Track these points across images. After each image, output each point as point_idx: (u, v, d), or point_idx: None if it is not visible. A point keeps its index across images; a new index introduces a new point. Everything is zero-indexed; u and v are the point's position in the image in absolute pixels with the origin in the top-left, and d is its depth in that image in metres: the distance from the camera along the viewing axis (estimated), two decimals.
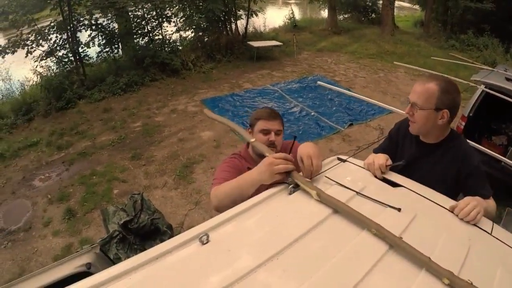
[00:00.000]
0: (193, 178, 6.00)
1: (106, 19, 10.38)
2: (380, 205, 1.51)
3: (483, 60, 14.02)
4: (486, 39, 16.56)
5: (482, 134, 6.89)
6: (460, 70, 11.70)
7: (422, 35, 18.97)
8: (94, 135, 7.33)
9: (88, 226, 4.95)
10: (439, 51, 15.53)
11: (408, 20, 25.67)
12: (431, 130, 2.08)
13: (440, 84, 1.94)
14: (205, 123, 7.77)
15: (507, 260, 1.39)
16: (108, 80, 9.43)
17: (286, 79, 11.10)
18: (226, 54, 12.64)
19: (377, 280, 1.12)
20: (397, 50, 15.76)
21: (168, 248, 1.12)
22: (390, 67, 13.02)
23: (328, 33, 18.15)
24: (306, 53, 14.49)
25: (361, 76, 12.06)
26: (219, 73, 11.44)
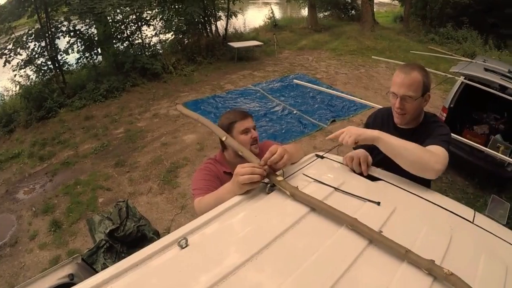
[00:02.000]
0: (177, 182, 6.00)
1: (85, 24, 10.24)
2: (360, 200, 1.52)
3: (462, 52, 14.34)
4: (465, 32, 16.96)
5: (463, 124, 7.03)
6: (441, 63, 11.94)
7: (402, 30, 19.26)
8: (77, 143, 7.27)
9: (75, 237, 4.91)
10: (419, 45, 15.84)
11: (388, 16, 26.05)
12: (418, 116, 2.14)
13: (421, 71, 2.01)
14: (187, 126, 7.78)
15: (489, 247, 1.41)
16: (88, 87, 9.34)
17: (267, 79, 11.13)
18: (206, 56, 12.63)
19: (359, 274, 1.13)
20: (378, 45, 15.92)
21: (147, 254, 1.12)
22: (371, 62, 13.18)
23: (308, 31, 18.25)
24: (287, 52, 14.55)
25: (343, 73, 12.15)
26: (200, 75, 11.44)
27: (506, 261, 1.32)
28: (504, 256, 1.36)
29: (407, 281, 1.12)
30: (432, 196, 1.68)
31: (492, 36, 16.56)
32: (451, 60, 10.16)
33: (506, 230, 1.60)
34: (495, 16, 17.32)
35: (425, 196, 1.66)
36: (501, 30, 17.06)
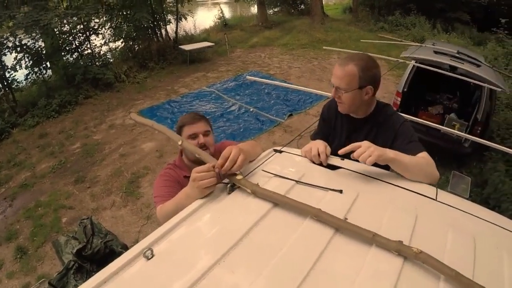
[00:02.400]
0: (140, 192, 6.00)
1: (31, 38, 9.85)
2: (322, 190, 1.52)
3: (412, 37, 14.86)
4: (413, 18, 17.59)
5: (418, 106, 7.31)
6: (392, 50, 12.35)
7: (352, 21, 19.72)
8: (33, 164, 7.11)
9: (42, 261, 4.82)
10: (369, 34, 16.34)
11: (337, 8, 26.53)
12: (360, 106, 2.15)
13: (359, 64, 2.00)
14: (145, 134, 7.76)
15: (455, 222, 1.44)
16: (40, 103, 9.10)
17: (221, 79, 11.19)
18: (158, 61, 12.55)
19: (329, 263, 1.14)
20: (328, 37, 16.21)
21: (114, 270, 1.09)
22: (323, 54, 13.45)
23: (259, 29, 18.36)
24: (239, 51, 14.62)
25: (296, 67, 12.36)
26: (154, 81, 11.38)
27: (473, 232, 1.35)
28: (470, 228, 1.40)
29: (378, 264, 1.14)
30: (393, 179, 1.71)
31: (440, 20, 17.30)
32: (401, 46, 10.45)
33: (469, 203, 1.65)
34: (442, 1, 17.98)
35: (386, 179, 1.69)
36: (448, 14, 17.80)
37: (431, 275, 1.11)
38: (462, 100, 7.31)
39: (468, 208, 1.55)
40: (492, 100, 6.18)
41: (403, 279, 1.09)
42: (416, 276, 1.11)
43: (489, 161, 6.03)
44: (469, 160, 6.40)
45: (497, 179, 5.37)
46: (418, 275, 1.12)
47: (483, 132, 5.98)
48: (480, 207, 1.62)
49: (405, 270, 1.12)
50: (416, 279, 1.11)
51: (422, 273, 1.12)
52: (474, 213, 1.51)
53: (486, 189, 5.47)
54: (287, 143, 2.08)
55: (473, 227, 1.43)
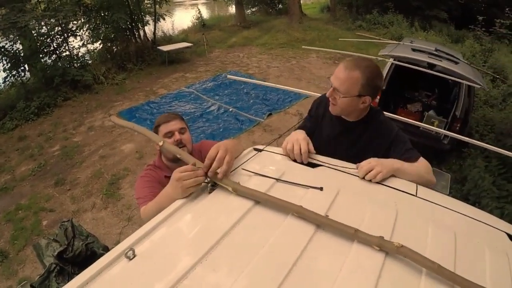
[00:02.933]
0: (121, 194, 6.04)
1: (9, 41, 9.85)
2: (302, 188, 1.52)
3: (390, 36, 15.06)
4: (391, 16, 17.75)
5: (397, 104, 7.34)
6: (370, 48, 12.46)
7: (330, 20, 19.85)
8: (13, 167, 7.11)
9: (23, 264, 4.82)
10: (347, 33, 16.45)
11: (315, 7, 26.61)
12: (353, 112, 2.10)
13: (365, 72, 1.91)
14: (124, 135, 7.81)
15: (435, 217, 1.45)
16: (18, 106, 9.07)
17: (200, 79, 11.25)
18: (137, 62, 12.56)
19: (311, 260, 1.14)
20: (307, 36, 16.37)
21: (96, 271, 1.08)
22: (301, 54, 13.56)
23: (237, 29, 18.44)
24: (217, 51, 14.69)
25: (274, 66, 12.45)
26: (133, 82, 11.39)
27: (453, 227, 1.37)
28: (450, 224, 1.43)
29: (360, 260, 1.14)
30: None
31: (417, 18, 17.53)
32: (379, 44, 10.49)
33: (449, 199, 1.66)
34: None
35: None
36: (425, 12, 18.05)
37: (413, 270, 1.13)
38: (441, 97, 7.38)
39: (449, 203, 1.58)
40: (471, 97, 6.21)
41: (385, 274, 1.10)
42: (398, 271, 1.13)
43: (468, 157, 6.10)
44: (448, 156, 6.48)
45: (477, 175, 5.46)
46: (400, 270, 1.13)
47: (462, 129, 5.99)
48: (461, 203, 1.65)
49: (387, 265, 1.14)
50: (398, 274, 1.12)
51: (404, 268, 1.14)
52: (454, 209, 1.53)
53: (466, 185, 5.55)
54: (267, 143, 2.09)
55: (454, 222, 1.46)
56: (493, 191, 5.12)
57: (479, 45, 12.61)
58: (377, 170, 1.66)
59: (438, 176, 3.20)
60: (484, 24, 13.17)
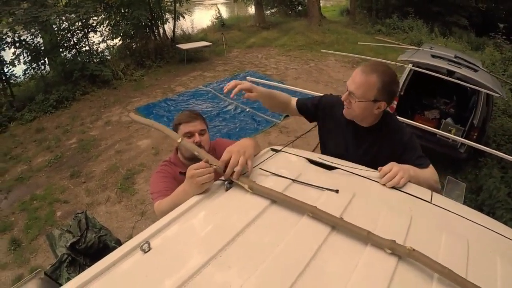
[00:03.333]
0: (135, 189, 6.03)
1: (30, 34, 9.92)
2: (318, 189, 1.52)
3: (409, 41, 14.83)
4: (410, 21, 17.54)
5: (414, 110, 7.25)
6: (389, 53, 12.34)
7: (349, 23, 19.76)
8: (30, 157, 7.15)
9: (36, 253, 4.83)
10: (366, 37, 16.28)
11: (335, 10, 26.50)
12: (367, 117, 2.08)
13: (382, 77, 1.90)
14: (141, 131, 7.81)
15: (449, 224, 1.44)
16: (37, 98, 9.15)
17: (218, 79, 11.24)
18: (156, 59, 12.59)
19: (324, 262, 1.14)
20: (326, 39, 16.28)
21: (111, 262, 1.10)
22: (320, 56, 13.49)
23: (256, 29, 18.40)
24: (236, 51, 14.67)
25: (292, 68, 12.41)
26: (151, 79, 11.41)
27: (467, 236, 1.35)
28: (464, 232, 1.40)
29: (372, 264, 1.14)
30: None
31: (437, 24, 17.30)
32: (399, 49, 10.26)
33: (463, 207, 1.64)
34: (439, 4, 18.06)
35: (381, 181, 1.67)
36: (445, 18, 17.84)
37: (425, 275, 1.12)
38: (459, 105, 7.27)
39: (463, 211, 1.55)
40: (489, 106, 6.13)
41: (396, 278, 1.10)
42: (409, 276, 1.12)
43: (484, 167, 5.99)
44: (464, 165, 6.39)
45: (492, 185, 5.34)
46: (411, 276, 1.13)
47: (479, 138, 5.91)
48: (475, 212, 1.62)
49: (399, 269, 1.13)
50: (410, 279, 1.11)
51: (416, 274, 1.13)
52: (468, 217, 1.51)
53: (480, 195, 5.43)
54: (283, 144, 2.08)
55: (467, 230, 1.43)
56: (508, 203, 5.01)
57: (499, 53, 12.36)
58: (399, 175, 1.65)
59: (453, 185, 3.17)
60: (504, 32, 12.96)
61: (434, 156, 6.32)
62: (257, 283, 1.04)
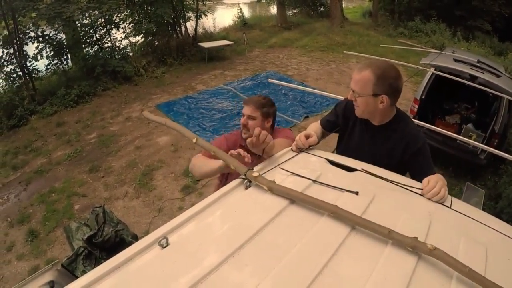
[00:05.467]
0: (153, 185, 6.02)
1: (53, 30, 10.05)
2: (338, 191, 1.53)
3: (431, 44, 14.62)
4: (433, 25, 17.36)
5: (435, 115, 7.19)
6: (411, 56, 12.15)
7: (371, 25, 19.70)
8: (49, 151, 7.19)
9: (53, 245, 4.86)
10: (388, 39, 16.19)
11: (357, 11, 26.54)
12: (374, 113, 2.15)
13: (375, 71, 1.99)
14: (161, 128, 7.76)
15: (468, 230, 1.45)
16: (59, 93, 9.19)
17: (239, 78, 11.20)
18: (177, 57, 12.59)
19: (344, 261, 1.15)
20: (347, 41, 16.15)
21: (128, 256, 1.11)
22: (341, 58, 13.39)
23: (278, 29, 18.31)
24: (257, 50, 14.61)
25: (314, 69, 12.32)
26: (172, 76, 11.42)
27: (486, 242, 1.35)
28: (482, 238, 1.40)
29: (391, 264, 1.15)
30: (408, 184, 1.70)
31: (460, 28, 17.15)
32: (421, 53, 10.30)
33: (483, 213, 1.66)
34: (463, 8, 17.85)
35: (402, 184, 1.69)
36: (468, 22, 17.66)
37: (444, 275, 1.12)
38: (480, 111, 7.19)
39: (482, 218, 1.55)
40: (511, 112, 6.03)
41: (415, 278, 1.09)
42: (428, 277, 1.12)
43: (504, 174, 5.91)
44: (484, 172, 6.32)
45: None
46: (430, 276, 1.13)
47: (500, 145, 5.88)
48: (494, 218, 1.62)
49: (418, 270, 1.13)
50: (429, 280, 1.12)
51: (435, 274, 1.13)
52: (487, 224, 1.51)
53: (499, 203, 5.34)
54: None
55: (486, 237, 1.43)
56: None
57: None
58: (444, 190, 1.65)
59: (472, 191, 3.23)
60: None
61: (454, 161, 6.32)
62: (273, 283, 1.05)
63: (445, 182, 1.68)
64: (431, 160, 2.15)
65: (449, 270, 1.12)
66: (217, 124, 7.90)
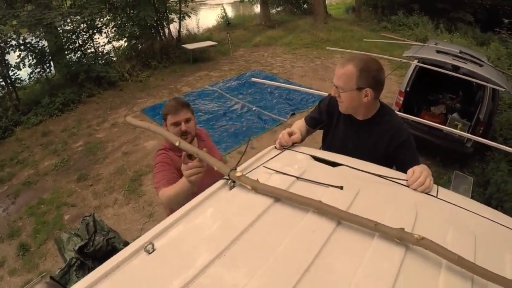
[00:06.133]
0: (143, 190, 6.00)
1: (35, 37, 9.90)
2: (323, 186, 1.53)
3: (415, 37, 14.85)
4: (416, 18, 17.60)
5: (420, 106, 7.29)
6: (394, 49, 12.36)
7: (355, 20, 19.89)
8: (36, 161, 7.11)
9: (45, 258, 4.82)
10: (372, 34, 16.37)
11: (340, 7, 26.68)
12: (359, 108, 2.16)
13: (357, 65, 2.00)
14: (147, 133, 7.71)
15: (455, 218, 1.45)
16: (43, 101, 9.09)
17: (224, 78, 11.20)
18: (161, 60, 12.55)
19: (331, 256, 1.16)
20: (331, 37, 16.23)
21: (115, 264, 1.11)
22: (326, 54, 13.45)
23: (262, 28, 18.36)
24: (242, 50, 14.62)
25: (298, 66, 12.38)
26: (157, 80, 11.38)
27: (474, 229, 1.37)
28: (470, 225, 1.41)
29: (379, 256, 1.15)
30: (393, 176, 1.70)
31: (443, 20, 17.36)
32: (404, 46, 10.41)
33: (469, 201, 1.66)
34: (445, 1, 18.06)
35: (387, 176, 1.69)
36: (451, 14, 17.86)
37: (433, 264, 1.13)
38: (465, 100, 7.29)
39: (469, 205, 1.55)
40: (495, 100, 6.14)
41: (404, 269, 1.10)
42: (417, 266, 1.13)
43: (491, 161, 6.00)
44: (471, 160, 6.41)
45: (500, 178, 5.34)
46: (419, 265, 1.13)
47: (486, 132, 5.95)
48: (481, 205, 1.62)
49: (407, 260, 1.13)
50: (418, 269, 1.12)
51: (424, 263, 1.14)
52: (475, 211, 1.51)
53: (488, 189, 5.45)
54: None
55: (474, 224, 1.43)
56: None
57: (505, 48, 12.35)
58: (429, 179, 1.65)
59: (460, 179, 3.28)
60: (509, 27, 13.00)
61: (441, 151, 6.41)
62: (260, 282, 1.05)
63: (429, 172, 1.69)
64: (416, 152, 2.17)
65: (438, 259, 1.13)
66: (204, 125, 7.87)
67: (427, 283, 1.09)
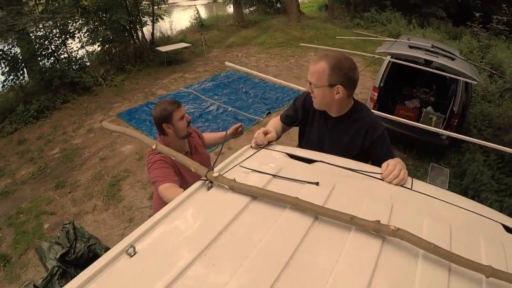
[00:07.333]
0: (121, 195, 6.04)
1: (7, 44, 9.78)
2: (299, 183, 1.56)
3: (388, 33, 15.16)
4: (388, 14, 17.87)
5: (395, 101, 7.41)
6: (368, 46, 12.50)
7: (328, 18, 20.01)
8: (13, 170, 7.06)
9: (26, 268, 4.79)
10: (345, 31, 16.45)
11: (313, 6, 26.84)
12: (331, 104, 2.20)
13: (330, 62, 2.03)
14: (124, 137, 7.75)
15: (430, 209, 1.48)
16: (18, 109, 9.00)
17: (199, 79, 11.24)
18: (135, 63, 12.51)
19: (309, 251, 1.18)
20: (305, 35, 16.39)
21: (97, 269, 1.12)
22: (300, 52, 13.64)
23: (235, 28, 18.40)
24: (216, 51, 14.67)
25: (273, 65, 12.51)
26: (131, 83, 11.36)
27: (449, 219, 1.41)
28: (445, 216, 1.45)
29: (357, 249, 1.18)
30: (368, 170, 1.74)
31: (415, 15, 17.64)
32: (377, 42, 10.53)
33: (443, 191, 1.71)
34: None
35: (362, 170, 1.72)
36: (423, 9, 18.10)
37: (410, 254, 1.18)
38: (439, 93, 7.45)
39: (443, 196, 1.61)
40: (468, 93, 6.30)
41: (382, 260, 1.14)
42: (395, 257, 1.17)
43: (467, 152, 6.14)
44: (447, 152, 6.57)
45: (476, 169, 5.50)
46: (396, 256, 1.18)
47: (460, 124, 6.12)
48: (456, 195, 1.69)
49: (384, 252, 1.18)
50: (395, 260, 1.16)
51: (401, 254, 1.18)
52: (449, 201, 1.56)
53: (465, 180, 5.61)
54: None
55: (449, 214, 1.49)
56: (492, 185, 5.14)
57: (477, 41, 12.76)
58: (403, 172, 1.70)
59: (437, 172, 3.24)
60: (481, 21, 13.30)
61: (417, 144, 6.53)
62: (241, 279, 1.07)
63: (404, 165, 1.74)
64: (390, 147, 2.23)
65: (415, 249, 1.17)
66: None
67: (405, 273, 1.12)
